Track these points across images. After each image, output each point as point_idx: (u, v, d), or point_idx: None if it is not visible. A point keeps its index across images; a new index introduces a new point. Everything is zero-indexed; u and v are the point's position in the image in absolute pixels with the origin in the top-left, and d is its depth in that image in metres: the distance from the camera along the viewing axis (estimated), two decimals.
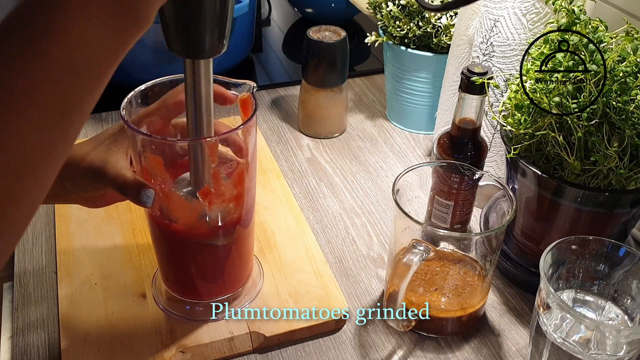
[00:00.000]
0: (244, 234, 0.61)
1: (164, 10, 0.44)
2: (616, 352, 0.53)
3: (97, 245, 0.71)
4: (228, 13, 0.45)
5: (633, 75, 0.57)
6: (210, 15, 0.44)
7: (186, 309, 0.64)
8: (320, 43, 0.87)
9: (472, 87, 0.65)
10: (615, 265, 0.58)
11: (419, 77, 0.90)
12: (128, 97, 0.55)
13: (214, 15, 0.44)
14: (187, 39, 0.45)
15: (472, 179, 0.66)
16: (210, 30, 0.45)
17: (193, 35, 0.45)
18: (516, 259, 0.70)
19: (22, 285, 0.68)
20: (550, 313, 0.55)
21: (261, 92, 1.04)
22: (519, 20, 0.70)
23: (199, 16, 0.43)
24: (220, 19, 0.45)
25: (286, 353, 0.62)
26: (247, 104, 0.57)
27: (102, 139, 0.56)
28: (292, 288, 0.67)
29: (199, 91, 0.49)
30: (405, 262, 0.56)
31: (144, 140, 0.53)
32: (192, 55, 0.47)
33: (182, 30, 0.45)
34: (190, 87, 0.49)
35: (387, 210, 0.81)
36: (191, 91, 0.49)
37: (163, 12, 0.44)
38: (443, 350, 0.63)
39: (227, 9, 0.45)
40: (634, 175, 0.58)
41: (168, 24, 0.45)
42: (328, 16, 1.24)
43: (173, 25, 0.44)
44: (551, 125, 0.59)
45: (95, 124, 0.94)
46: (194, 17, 0.44)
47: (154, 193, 0.53)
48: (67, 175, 0.55)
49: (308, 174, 0.87)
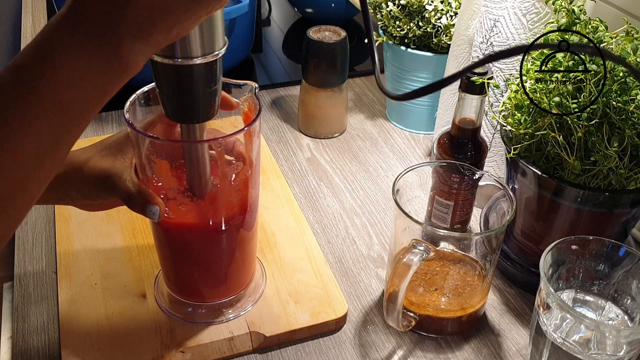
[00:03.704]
0: (247, 237, 0.61)
1: (158, 83, 0.48)
2: (616, 352, 0.53)
3: (97, 245, 0.71)
4: (217, 86, 0.49)
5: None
6: (202, 91, 0.48)
7: (188, 311, 0.63)
8: (320, 43, 0.87)
9: (472, 87, 0.65)
10: (615, 265, 0.58)
11: (419, 77, 0.90)
12: (130, 100, 0.55)
13: (205, 91, 0.48)
14: (181, 111, 0.49)
15: (472, 179, 0.66)
16: (202, 103, 0.49)
17: (187, 107, 0.49)
18: (516, 259, 0.70)
19: (22, 286, 0.68)
20: (550, 313, 0.55)
21: (261, 92, 1.04)
22: (519, 20, 0.70)
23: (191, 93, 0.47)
24: (211, 92, 0.48)
25: (286, 353, 0.62)
26: (251, 112, 0.58)
27: (106, 146, 0.56)
28: (292, 288, 0.67)
29: (195, 149, 0.53)
30: (405, 262, 0.56)
31: (149, 144, 0.53)
32: (187, 121, 0.50)
33: (177, 105, 0.48)
34: (187, 146, 0.53)
35: (387, 210, 0.81)
36: (187, 149, 0.53)
37: (158, 84, 0.48)
38: (443, 350, 0.63)
39: (216, 83, 0.48)
40: (634, 175, 0.58)
41: (164, 97, 0.48)
42: (328, 16, 1.24)
43: (168, 100, 0.48)
44: (551, 125, 0.59)
45: (96, 124, 0.94)
46: (186, 94, 0.47)
47: (159, 209, 0.54)
48: (71, 182, 0.55)
49: (308, 174, 0.87)
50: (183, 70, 0.45)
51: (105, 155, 0.55)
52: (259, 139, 0.57)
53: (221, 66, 0.48)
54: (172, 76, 0.46)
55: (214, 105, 0.50)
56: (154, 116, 0.56)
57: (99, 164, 0.54)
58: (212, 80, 0.47)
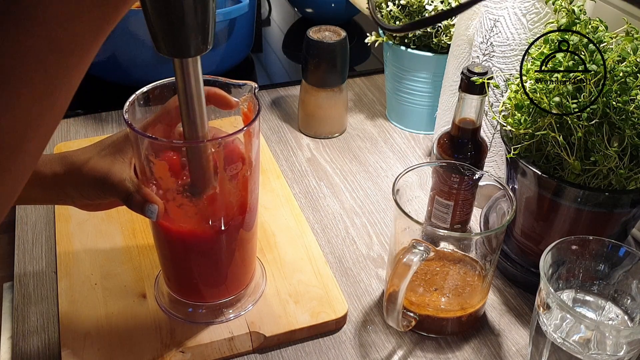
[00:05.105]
0: (247, 237, 0.61)
1: (148, 15, 0.45)
2: (616, 352, 0.53)
3: (97, 245, 0.71)
4: (210, 13, 0.46)
5: (633, 75, 0.57)
6: (192, 17, 0.45)
7: (188, 311, 0.63)
8: (320, 43, 0.87)
9: (472, 87, 0.65)
10: (615, 265, 0.58)
11: (419, 77, 0.90)
12: (130, 100, 0.55)
13: (196, 17, 0.45)
14: (172, 41, 0.47)
15: (472, 179, 0.66)
16: (194, 33, 0.46)
17: (177, 36, 0.46)
18: (516, 259, 0.70)
19: (22, 285, 0.68)
20: (550, 313, 0.55)
21: (261, 92, 1.04)
22: (519, 20, 0.70)
23: (182, 19, 0.45)
24: (203, 19, 0.46)
25: (286, 353, 0.62)
26: (250, 112, 0.57)
27: (105, 146, 0.56)
28: (292, 288, 0.67)
29: (189, 89, 0.50)
30: (405, 262, 0.56)
31: (149, 144, 0.53)
32: (179, 55, 0.48)
33: (167, 32, 0.46)
34: (181, 86, 0.50)
35: (387, 210, 0.81)
36: (182, 90, 0.50)
37: (147, 17, 0.45)
38: (443, 350, 0.63)
39: (208, 12, 0.46)
40: (634, 175, 0.58)
41: (153, 26, 0.46)
42: (328, 16, 1.24)
43: (158, 28, 0.46)
44: (551, 125, 0.59)
45: (96, 124, 0.94)
46: (176, 20, 0.45)
47: (158, 208, 0.53)
48: (70, 182, 0.55)
49: (308, 174, 0.87)
50: None
51: (105, 155, 0.55)
52: (258, 139, 0.57)
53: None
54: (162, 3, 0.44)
55: (207, 35, 0.47)
56: (154, 116, 0.56)
57: (98, 164, 0.54)
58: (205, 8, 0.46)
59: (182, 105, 0.51)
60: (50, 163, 0.55)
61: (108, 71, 0.98)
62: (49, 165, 0.55)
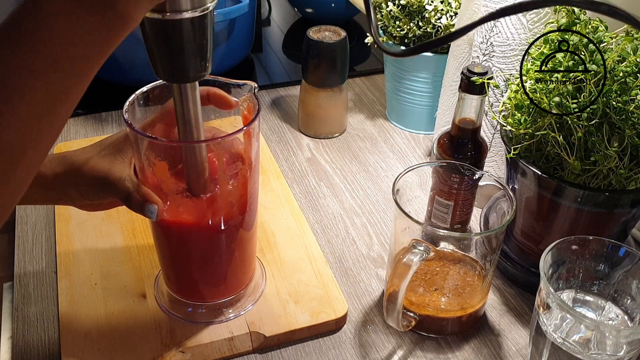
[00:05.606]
0: (247, 237, 0.61)
1: (148, 43, 0.46)
2: (616, 352, 0.53)
3: (97, 245, 0.71)
4: (208, 40, 0.47)
5: (633, 75, 0.57)
6: (192, 47, 0.46)
7: (188, 311, 0.63)
8: (320, 43, 0.87)
9: (472, 87, 0.65)
10: (615, 265, 0.58)
11: (419, 77, 0.90)
12: (130, 100, 0.55)
13: (196, 47, 0.46)
14: (171, 68, 0.48)
15: (472, 179, 0.66)
16: (193, 59, 0.47)
17: (177, 64, 0.47)
18: (516, 259, 0.70)
19: (22, 285, 0.68)
20: (550, 313, 0.55)
21: (261, 92, 1.04)
22: (519, 20, 0.70)
23: (182, 49, 0.46)
24: (202, 49, 0.47)
25: (286, 353, 0.62)
26: (250, 112, 0.57)
27: (105, 146, 0.56)
28: (292, 288, 0.67)
29: (187, 113, 0.51)
30: (405, 262, 0.56)
31: (148, 144, 0.53)
32: (177, 80, 0.49)
33: (167, 61, 0.47)
34: (179, 110, 0.51)
35: (387, 210, 0.81)
36: (180, 113, 0.51)
37: (147, 43, 0.46)
38: (443, 350, 0.63)
39: (207, 39, 0.47)
40: (634, 175, 0.58)
41: (153, 54, 0.47)
42: (328, 16, 1.24)
43: (158, 56, 0.47)
44: (551, 125, 0.59)
45: (96, 124, 0.94)
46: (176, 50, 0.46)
47: (157, 208, 0.54)
48: (70, 182, 0.55)
49: (308, 174, 0.87)
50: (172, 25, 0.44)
51: (105, 155, 0.55)
52: (258, 139, 0.57)
53: (212, 21, 0.47)
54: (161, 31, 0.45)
55: (205, 62, 0.48)
56: (153, 116, 0.56)
57: (98, 164, 0.54)
58: (203, 35, 0.46)
59: (180, 127, 0.52)
60: (50, 163, 0.55)
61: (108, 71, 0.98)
62: (49, 165, 0.55)
